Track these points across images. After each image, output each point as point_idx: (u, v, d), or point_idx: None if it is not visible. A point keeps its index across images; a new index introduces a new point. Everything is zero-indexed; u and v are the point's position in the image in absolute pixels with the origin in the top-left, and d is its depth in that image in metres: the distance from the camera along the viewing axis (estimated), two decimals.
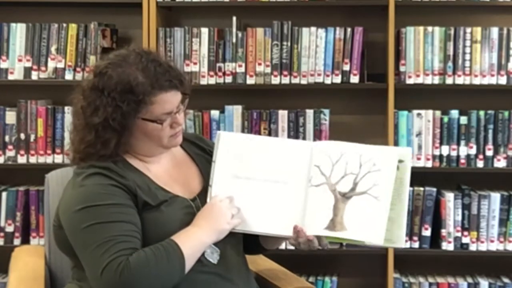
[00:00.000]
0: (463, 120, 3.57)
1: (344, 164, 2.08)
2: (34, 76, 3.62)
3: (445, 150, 3.57)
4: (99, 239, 1.90)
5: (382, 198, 2.07)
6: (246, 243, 2.20)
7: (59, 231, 2.04)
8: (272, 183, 2.09)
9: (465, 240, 3.57)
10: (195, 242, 1.97)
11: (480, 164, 3.56)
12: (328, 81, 3.57)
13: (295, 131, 3.58)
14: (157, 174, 2.08)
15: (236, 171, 2.09)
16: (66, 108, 3.62)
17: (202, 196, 2.09)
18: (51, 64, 3.62)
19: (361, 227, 2.06)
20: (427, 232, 3.57)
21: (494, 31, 3.55)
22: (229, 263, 2.07)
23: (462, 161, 3.57)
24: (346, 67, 3.57)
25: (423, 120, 3.57)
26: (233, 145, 2.11)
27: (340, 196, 2.07)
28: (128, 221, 1.94)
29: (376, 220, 2.06)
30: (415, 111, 3.58)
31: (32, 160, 3.62)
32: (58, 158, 3.61)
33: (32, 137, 3.62)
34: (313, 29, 3.57)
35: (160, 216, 2.00)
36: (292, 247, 3.53)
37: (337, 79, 3.57)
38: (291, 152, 2.12)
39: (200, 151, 2.21)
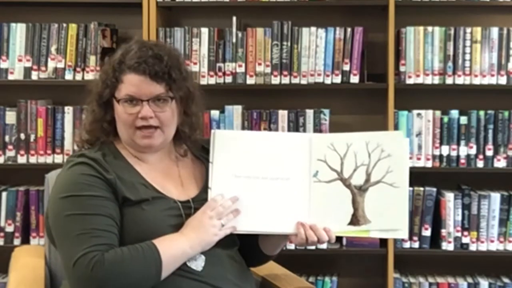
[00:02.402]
0: (463, 120, 3.57)
1: (353, 157, 2.06)
2: (34, 76, 3.62)
3: (445, 150, 3.57)
4: (76, 230, 1.92)
5: (398, 184, 2.05)
6: (245, 252, 2.17)
7: (47, 220, 2.07)
8: (273, 180, 2.06)
9: (465, 240, 3.56)
10: (177, 251, 1.96)
11: (480, 164, 3.56)
12: (328, 81, 3.57)
13: (295, 131, 3.57)
14: (148, 170, 2.09)
15: (235, 170, 2.06)
16: (66, 108, 3.62)
17: (198, 200, 2.08)
18: (51, 64, 3.62)
19: (384, 217, 2.05)
20: (427, 232, 3.57)
21: (494, 31, 3.55)
22: (216, 270, 2.03)
23: (462, 161, 3.56)
24: (346, 67, 3.56)
25: (423, 120, 3.57)
26: (229, 143, 2.07)
27: (357, 190, 2.05)
28: (107, 215, 1.95)
29: (397, 207, 2.05)
30: (415, 111, 3.58)
31: (32, 160, 3.62)
32: (58, 158, 3.61)
33: (32, 137, 3.62)
34: (313, 29, 3.57)
35: (140, 213, 1.99)
36: (292, 247, 3.55)
37: (337, 79, 3.57)
38: (289, 145, 2.09)
39: (207, 155, 2.17)
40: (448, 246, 3.56)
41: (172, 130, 2.12)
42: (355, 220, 2.05)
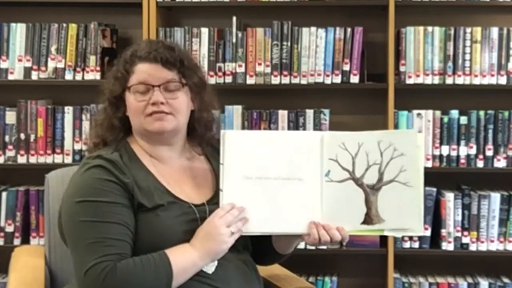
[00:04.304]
0: (463, 120, 3.57)
1: (365, 156, 2.04)
2: (34, 76, 3.62)
3: (445, 150, 3.57)
4: (89, 238, 1.91)
5: (412, 183, 2.04)
6: (258, 251, 2.17)
7: (60, 219, 2.05)
8: (285, 180, 2.04)
9: (465, 240, 3.56)
10: (188, 263, 1.94)
11: (480, 164, 3.56)
12: (328, 81, 3.57)
13: (296, 131, 3.56)
14: (164, 171, 2.06)
15: (247, 171, 2.03)
16: (66, 108, 3.62)
17: (212, 202, 2.05)
18: (51, 64, 3.62)
19: (398, 216, 2.04)
20: (427, 232, 3.57)
21: (494, 31, 3.55)
22: (228, 275, 2.02)
23: (462, 161, 3.56)
24: (346, 67, 3.56)
25: (423, 120, 3.57)
26: (239, 143, 2.04)
27: (369, 189, 2.04)
28: (121, 223, 1.93)
29: (411, 206, 2.04)
30: (415, 111, 3.58)
31: (32, 160, 3.62)
32: (58, 158, 3.61)
33: (32, 137, 3.62)
34: (313, 29, 3.57)
35: (155, 220, 1.97)
36: None
37: (337, 79, 3.57)
38: (301, 145, 2.06)
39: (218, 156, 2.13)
40: (448, 246, 3.56)
41: (185, 118, 2.09)
42: (368, 219, 2.04)
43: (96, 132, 2.12)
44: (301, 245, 3.54)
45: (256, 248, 2.16)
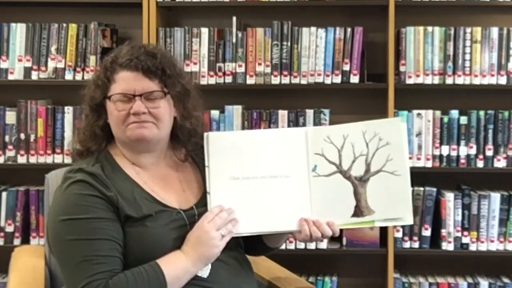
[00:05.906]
0: (463, 120, 3.57)
1: (351, 148, 2.05)
2: (34, 76, 3.62)
3: (445, 150, 3.57)
4: (78, 257, 1.89)
5: (400, 171, 2.04)
6: (249, 245, 2.16)
7: (47, 235, 2.04)
8: (272, 178, 2.04)
9: (465, 240, 3.56)
10: (181, 271, 1.93)
11: (480, 164, 3.56)
12: (328, 81, 3.57)
13: None
14: (148, 179, 2.04)
15: (233, 172, 2.03)
16: (66, 108, 3.62)
17: (200, 205, 2.04)
18: (51, 64, 3.62)
19: (388, 205, 2.04)
20: (427, 232, 3.57)
21: (494, 31, 3.55)
22: (223, 275, 2.02)
23: (462, 161, 3.56)
24: (346, 67, 3.56)
25: (423, 120, 3.57)
26: (223, 145, 2.04)
27: (357, 181, 2.04)
28: (109, 238, 1.91)
29: (400, 195, 2.04)
30: (415, 111, 3.58)
31: (32, 160, 3.62)
32: (58, 158, 3.61)
33: (32, 137, 3.62)
34: (313, 29, 3.57)
35: (143, 231, 1.95)
36: (291, 247, 3.55)
37: (337, 79, 3.56)
38: (285, 141, 2.06)
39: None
40: (448, 246, 3.56)
41: (167, 126, 2.06)
42: (358, 212, 2.04)
43: (79, 141, 2.09)
44: (301, 245, 3.55)
45: (247, 242, 2.16)
